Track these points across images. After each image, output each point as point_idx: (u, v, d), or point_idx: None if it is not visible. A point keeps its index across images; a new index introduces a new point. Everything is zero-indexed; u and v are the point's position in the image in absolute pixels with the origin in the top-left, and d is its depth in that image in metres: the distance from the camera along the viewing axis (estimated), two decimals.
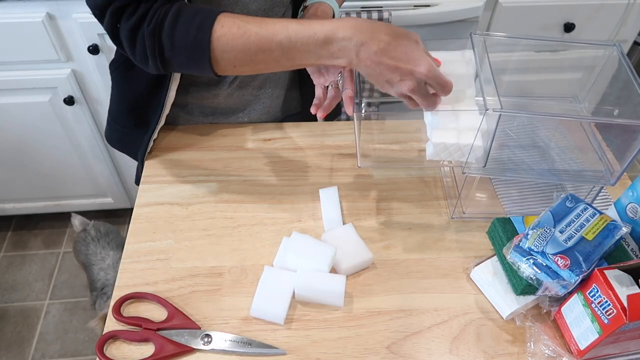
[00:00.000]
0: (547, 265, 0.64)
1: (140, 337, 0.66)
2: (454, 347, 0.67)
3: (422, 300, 0.71)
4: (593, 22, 1.50)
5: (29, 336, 1.64)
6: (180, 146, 0.91)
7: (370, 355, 0.66)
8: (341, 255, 0.73)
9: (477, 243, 0.78)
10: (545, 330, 0.68)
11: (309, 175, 0.87)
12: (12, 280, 1.77)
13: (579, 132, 0.80)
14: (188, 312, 0.69)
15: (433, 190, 0.86)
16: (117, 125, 0.95)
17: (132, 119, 0.90)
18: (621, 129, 0.72)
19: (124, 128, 0.94)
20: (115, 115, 0.95)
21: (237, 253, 0.76)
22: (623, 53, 0.73)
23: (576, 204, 0.70)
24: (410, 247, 0.77)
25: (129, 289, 0.71)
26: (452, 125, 0.70)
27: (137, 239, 0.77)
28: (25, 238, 1.90)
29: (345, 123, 0.97)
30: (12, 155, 1.59)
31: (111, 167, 1.68)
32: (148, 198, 0.83)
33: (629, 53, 1.67)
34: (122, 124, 0.94)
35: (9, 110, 1.46)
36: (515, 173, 0.78)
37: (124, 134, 0.94)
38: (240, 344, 0.66)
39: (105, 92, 1.46)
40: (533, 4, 1.44)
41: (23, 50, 1.33)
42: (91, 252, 1.51)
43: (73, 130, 1.54)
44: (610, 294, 0.59)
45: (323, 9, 0.84)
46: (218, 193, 0.83)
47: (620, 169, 0.72)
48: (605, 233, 0.67)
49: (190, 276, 0.73)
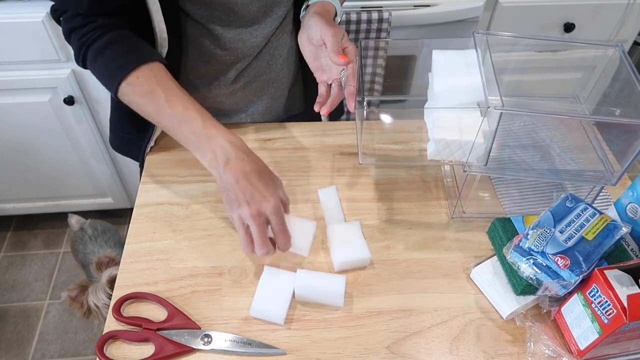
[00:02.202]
0: (547, 265, 0.64)
1: (140, 337, 0.66)
2: (454, 347, 0.67)
3: (422, 300, 0.71)
4: (593, 22, 1.50)
5: (29, 336, 1.64)
6: (180, 146, 0.91)
7: (370, 355, 0.66)
8: (338, 248, 0.73)
9: (477, 243, 0.78)
10: (545, 330, 0.68)
11: (309, 175, 0.87)
12: (12, 280, 1.77)
13: (579, 132, 0.80)
14: (188, 312, 0.69)
15: (433, 190, 0.86)
16: (119, 132, 0.96)
17: (132, 124, 0.90)
18: (622, 129, 0.72)
19: (126, 134, 0.94)
20: (117, 121, 0.95)
21: (237, 253, 0.76)
22: (625, 53, 0.73)
23: (576, 204, 0.70)
24: (410, 247, 0.77)
25: (129, 289, 0.71)
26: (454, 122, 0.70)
27: (137, 239, 0.77)
28: (25, 238, 1.90)
29: (346, 123, 0.97)
30: (12, 155, 1.59)
31: (111, 167, 1.68)
32: (148, 198, 0.83)
33: (629, 53, 1.67)
34: (123, 130, 0.94)
35: (9, 110, 1.46)
36: (515, 172, 0.78)
37: (127, 140, 0.94)
38: (240, 344, 0.66)
39: (105, 92, 1.45)
40: (533, 4, 1.44)
41: (23, 50, 1.33)
42: (89, 250, 1.51)
43: (73, 130, 1.54)
44: (610, 294, 0.59)
45: (326, 8, 0.84)
46: (218, 193, 0.83)
47: (620, 169, 0.72)
48: (605, 233, 0.67)
49: (190, 276, 0.73)
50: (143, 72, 0.71)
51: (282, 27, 0.90)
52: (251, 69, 0.90)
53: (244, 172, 0.67)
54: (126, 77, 0.71)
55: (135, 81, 0.71)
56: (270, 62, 0.92)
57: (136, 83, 0.71)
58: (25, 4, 1.26)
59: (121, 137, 0.96)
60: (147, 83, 0.71)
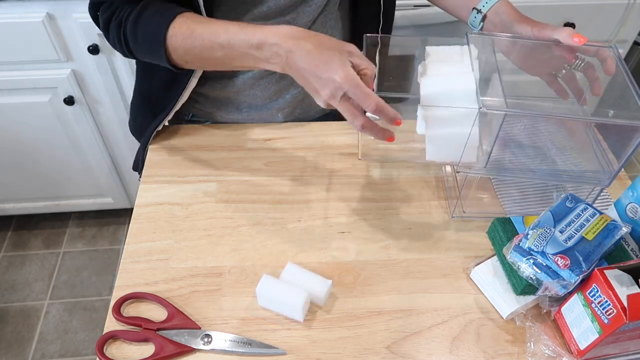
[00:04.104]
0: (547, 265, 0.64)
1: (140, 337, 0.66)
2: (454, 347, 0.67)
3: (422, 300, 0.71)
4: (593, 22, 1.50)
5: (29, 336, 1.64)
6: (180, 146, 0.91)
7: (370, 355, 0.66)
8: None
9: (477, 243, 0.78)
10: (545, 330, 0.68)
11: (309, 175, 0.87)
12: (12, 280, 1.77)
13: (580, 133, 0.80)
14: (188, 312, 0.69)
15: (433, 190, 0.86)
16: (138, 116, 0.97)
17: (150, 109, 0.91)
18: (617, 130, 0.72)
19: (144, 119, 0.94)
20: (137, 106, 0.96)
21: (237, 253, 0.76)
22: (619, 54, 0.73)
23: (576, 204, 0.70)
24: (410, 247, 0.77)
25: (129, 289, 0.71)
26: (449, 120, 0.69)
27: (137, 239, 0.77)
28: (25, 238, 1.90)
29: (345, 123, 0.97)
30: (12, 155, 1.59)
31: (111, 167, 1.68)
32: (148, 198, 0.83)
33: (629, 53, 1.67)
34: (142, 114, 0.95)
35: (9, 110, 1.46)
36: (515, 174, 0.78)
37: (143, 124, 0.94)
38: (240, 344, 0.66)
39: (105, 92, 1.46)
40: (533, 4, 1.44)
41: (23, 50, 1.33)
42: None
43: (73, 130, 1.54)
44: (610, 294, 0.59)
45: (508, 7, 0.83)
46: (218, 193, 0.84)
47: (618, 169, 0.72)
48: (605, 233, 0.67)
49: (190, 276, 0.73)
50: (178, 22, 0.73)
51: (321, 21, 0.88)
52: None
53: (302, 59, 0.65)
54: (166, 33, 0.72)
55: (175, 31, 0.72)
56: None
57: (177, 33, 0.72)
58: (25, 4, 1.26)
59: (139, 122, 0.97)
60: (185, 27, 0.72)
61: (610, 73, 0.73)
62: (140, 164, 0.93)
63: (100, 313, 1.69)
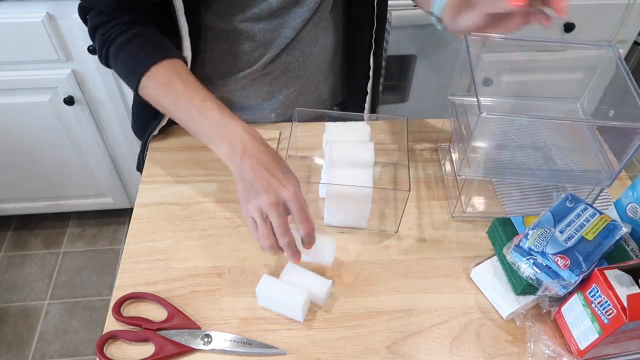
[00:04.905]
0: (547, 265, 0.64)
1: (140, 337, 0.66)
2: (454, 347, 0.67)
3: (422, 300, 0.71)
4: (593, 22, 1.50)
5: (29, 336, 1.64)
6: (181, 146, 0.91)
7: (370, 355, 0.66)
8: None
9: (477, 243, 0.78)
10: (545, 330, 0.68)
11: (309, 175, 0.87)
12: (12, 280, 1.77)
13: (580, 133, 0.80)
14: (188, 312, 0.69)
15: (433, 189, 0.86)
16: (139, 118, 0.97)
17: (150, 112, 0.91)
18: (617, 131, 0.72)
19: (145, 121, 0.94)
20: (139, 107, 0.96)
21: (237, 253, 0.76)
22: (619, 54, 0.73)
23: (576, 204, 0.70)
24: (410, 247, 0.77)
25: (129, 289, 0.71)
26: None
27: (137, 239, 0.77)
28: (25, 238, 1.90)
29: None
30: (12, 155, 1.59)
31: (111, 167, 1.68)
32: (148, 198, 0.83)
33: (629, 53, 1.66)
34: (143, 116, 0.95)
35: (9, 110, 1.46)
36: (515, 175, 0.78)
37: (143, 124, 0.94)
38: (240, 344, 0.66)
39: (105, 92, 1.46)
40: None
41: (23, 50, 1.33)
42: None
43: (73, 130, 1.54)
44: (610, 294, 0.59)
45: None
46: (218, 193, 0.83)
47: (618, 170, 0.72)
48: (605, 233, 0.67)
49: (190, 276, 0.73)
50: (163, 66, 0.74)
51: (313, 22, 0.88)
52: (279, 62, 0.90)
53: (261, 161, 0.66)
54: (147, 70, 0.73)
55: (155, 74, 0.73)
56: (300, 57, 0.91)
57: (156, 75, 0.73)
58: (25, 4, 1.26)
59: (140, 122, 0.97)
60: (166, 75, 0.73)
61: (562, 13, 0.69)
62: (142, 164, 0.93)
63: (100, 313, 1.69)
